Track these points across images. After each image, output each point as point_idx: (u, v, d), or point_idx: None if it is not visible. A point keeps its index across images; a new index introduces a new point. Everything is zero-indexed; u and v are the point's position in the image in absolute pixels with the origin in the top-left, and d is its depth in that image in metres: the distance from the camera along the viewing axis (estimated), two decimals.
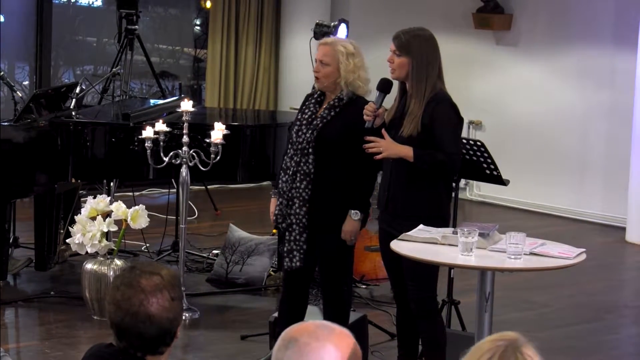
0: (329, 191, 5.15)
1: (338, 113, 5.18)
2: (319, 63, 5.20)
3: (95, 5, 11.21)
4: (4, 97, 9.88)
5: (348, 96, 5.18)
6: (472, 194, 10.63)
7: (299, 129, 5.22)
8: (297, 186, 5.17)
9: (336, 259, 5.25)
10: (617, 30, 9.59)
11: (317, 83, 5.25)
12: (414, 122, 4.95)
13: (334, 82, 5.18)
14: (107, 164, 6.84)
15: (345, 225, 5.15)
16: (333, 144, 5.14)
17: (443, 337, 5.12)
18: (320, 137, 5.14)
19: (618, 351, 6.45)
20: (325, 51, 5.18)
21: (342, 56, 5.16)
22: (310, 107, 5.28)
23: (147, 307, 2.82)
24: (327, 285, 5.31)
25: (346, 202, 5.16)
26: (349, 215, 5.14)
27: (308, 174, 5.15)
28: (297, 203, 5.17)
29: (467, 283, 6.23)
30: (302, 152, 5.17)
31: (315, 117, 5.22)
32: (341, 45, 5.19)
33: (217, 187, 9.89)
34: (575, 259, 4.40)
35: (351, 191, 5.16)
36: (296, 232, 5.19)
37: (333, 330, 2.44)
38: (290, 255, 5.22)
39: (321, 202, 5.15)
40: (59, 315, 6.44)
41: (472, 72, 10.39)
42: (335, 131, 5.14)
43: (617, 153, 9.53)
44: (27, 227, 7.26)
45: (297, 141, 5.20)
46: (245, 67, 11.12)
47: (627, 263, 8.84)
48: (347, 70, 5.15)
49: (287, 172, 5.22)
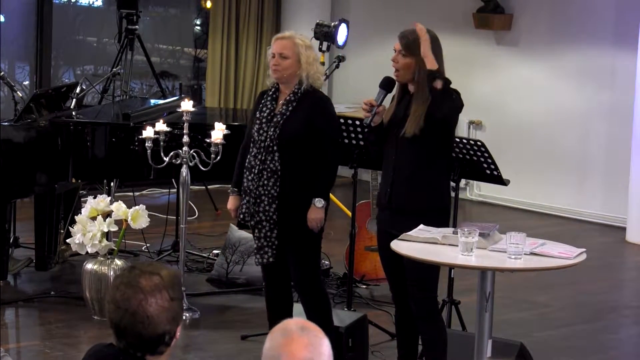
0: (297, 187, 5.23)
1: (295, 107, 5.25)
2: (277, 56, 5.23)
3: (96, 5, 11.21)
4: (4, 97, 9.88)
5: (305, 89, 5.24)
6: (472, 194, 10.63)
7: (259, 127, 5.28)
8: (265, 184, 5.24)
9: (307, 251, 5.33)
10: (618, 30, 9.59)
11: (274, 75, 5.28)
12: (417, 121, 4.95)
13: (292, 74, 5.25)
14: (107, 164, 6.84)
15: (310, 213, 5.23)
16: (296, 139, 5.21)
17: (443, 337, 5.12)
18: (283, 133, 5.21)
19: (618, 351, 6.45)
20: (284, 44, 5.25)
21: (302, 49, 5.25)
22: (267, 105, 5.33)
23: (146, 307, 2.82)
24: (301, 279, 5.39)
25: (312, 194, 5.24)
26: (313, 203, 5.23)
27: (275, 171, 5.22)
28: (266, 200, 5.24)
29: (468, 283, 6.23)
30: (267, 150, 5.23)
31: (274, 114, 5.27)
32: (299, 38, 5.29)
33: (218, 187, 9.88)
34: (575, 259, 4.40)
35: (314, 183, 5.25)
36: (267, 229, 5.28)
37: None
38: (261, 251, 5.32)
39: (290, 198, 5.24)
40: (59, 315, 6.44)
41: (472, 72, 10.38)
42: (297, 126, 5.21)
43: (617, 153, 9.52)
44: (28, 227, 7.26)
45: (260, 139, 5.26)
46: (246, 67, 11.12)
47: (627, 263, 8.84)
48: (307, 62, 5.24)
49: (252, 170, 5.28)
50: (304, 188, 5.24)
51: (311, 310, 5.37)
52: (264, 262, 5.33)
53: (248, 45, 11.10)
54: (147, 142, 6.16)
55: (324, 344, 2.61)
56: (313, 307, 5.37)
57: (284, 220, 5.26)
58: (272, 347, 2.58)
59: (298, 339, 2.58)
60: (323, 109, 5.29)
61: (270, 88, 5.40)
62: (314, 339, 2.60)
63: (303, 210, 5.24)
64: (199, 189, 9.30)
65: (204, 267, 7.59)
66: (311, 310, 5.37)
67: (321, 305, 5.40)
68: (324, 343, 2.61)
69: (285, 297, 5.50)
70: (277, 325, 2.65)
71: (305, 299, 5.42)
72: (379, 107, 5.04)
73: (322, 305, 5.41)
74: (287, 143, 5.22)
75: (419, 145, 4.97)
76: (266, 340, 2.62)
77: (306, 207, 5.23)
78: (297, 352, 2.56)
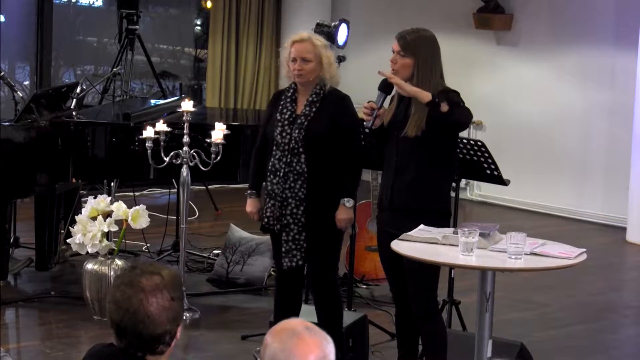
0: (323, 188, 5.18)
1: (319, 108, 5.20)
2: (300, 60, 5.18)
3: (96, 5, 11.21)
4: (4, 97, 9.88)
5: (327, 90, 5.21)
6: (472, 194, 10.63)
7: (282, 130, 5.22)
8: (292, 186, 5.17)
9: (329, 253, 5.28)
10: (618, 30, 9.59)
11: (299, 80, 5.22)
12: (418, 122, 4.95)
13: (315, 77, 5.20)
14: (107, 164, 6.84)
15: (340, 213, 5.19)
16: (322, 140, 5.16)
17: (444, 338, 5.12)
18: (308, 134, 5.16)
19: (618, 351, 6.45)
20: (305, 47, 5.19)
21: (322, 50, 5.21)
22: (287, 106, 5.27)
23: (146, 307, 2.82)
24: (319, 281, 5.33)
25: (339, 195, 5.20)
26: (342, 204, 5.19)
27: (301, 173, 5.16)
28: (294, 203, 5.18)
29: (468, 283, 6.23)
30: (292, 152, 5.17)
31: (297, 116, 5.22)
32: (317, 39, 5.24)
33: (218, 187, 9.89)
34: (575, 259, 4.40)
35: (341, 183, 5.20)
36: (295, 232, 5.20)
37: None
38: (289, 255, 5.22)
39: (318, 200, 5.17)
40: (59, 315, 6.44)
41: (472, 72, 10.39)
42: (322, 126, 5.16)
43: (617, 153, 9.53)
44: (28, 227, 7.26)
45: (283, 142, 5.20)
46: (246, 67, 11.12)
47: (627, 263, 8.84)
48: (328, 63, 5.20)
49: (277, 173, 5.21)
50: (330, 189, 5.18)
51: (325, 312, 5.29)
52: (293, 265, 5.23)
53: (248, 45, 11.10)
54: (147, 142, 6.15)
55: (329, 341, 2.66)
56: (327, 309, 5.29)
57: (312, 223, 5.19)
58: (283, 349, 2.60)
59: (309, 339, 2.61)
60: (347, 108, 5.25)
61: (288, 89, 5.33)
62: (322, 337, 2.64)
63: (331, 211, 5.19)
64: (199, 189, 9.29)
65: (204, 267, 7.59)
66: (325, 312, 5.29)
67: (336, 307, 5.33)
68: (329, 340, 2.66)
69: (297, 300, 5.44)
70: (277, 326, 2.66)
71: (322, 300, 5.34)
72: (379, 109, 5.04)
73: (337, 308, 5.34)
74: (312, 144, 5.15)
75: (420, 146, 4.97)
76: (270, 342, 2.62)
77: (333, 208, 5.18)
78: (309, 351, 2.59)
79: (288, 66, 5.25)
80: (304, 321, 2.68)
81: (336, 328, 5.26)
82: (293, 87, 5.31)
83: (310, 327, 2.65)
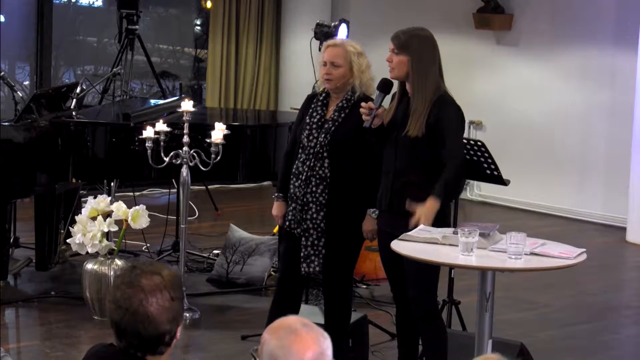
0: (345, 194, 5.15)
1: (348, 114, 5.17)
2: (329, 65, 5.16)
3: (96, 5, 11.22)
4: (4, 97, 9.88)
5: (358, 97, 5.17)
6: (472, 194, 10.63)
7: (309, 133, 5.19)
8: (313, 191, 5.15)
9: (345, 260, 5.25)
10: (618, 30, 9.59)
11: (327, 84, 5.20)
12: (419, 121, 4.94)
13: (345, 83, 5.18)
14: (107, 164, 6.84)
15: (366, 224, 5.17)
16: (347, 147, 5.13)
17: (444, 338, 5.11)
18: (334, 140, 5.13)
19: (618, 351, 6.45)
20: (336, 52, 5.17)
21: (354, 56, 5.17)
22: (317, 110, 5.25)
23: (146, 307, 2.82)
24: (332, 285, 5.29)
25: (361, 203, 5.16)
26: (368, 214, 5.16)
27: (324, 178, 5.14)
28: (314, 208, 5.15)
29: (468, 283, 6.23)
30: (316, 156, 5.15)
31: (325, 120, 5.20)
32: (350, 45, 5.20)
33: (218, 187, 9.89)
34: (575, 259, 4.40)
35: (364, 191, 5.16)
36: (314, 237, 5.17)
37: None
38: (307, 260, 5.18)
39: (338, 206, 5.15)
40: (59, 315, 6.44)
41: (472, 72, 10.39)
42: (348, 133, 5.13)
43: (617, 153, 9.53)
44: (28, 227, 7.26)
45: (309, 145, 5.17)
46: (246, 67, 11.13)
47: (627, 263, 8.84)
48: (360, 70, 5.17)
49: (300, 176, 5.18)
50: (352, 196, 5.15)
51: (334, 317, 5.26)
52: (311, 271, 5.19)
53: (248, 45, 11.10)
54: (147, 142, 6.16)
55: (327, 338, 2.66)
56: (337, 315, 5.25)
57: (331, 229, 5.15)
58: (281, 346, 2.62)
59: (307, 335, 2.63)
60: None
61: (321, 93, 5.30)
62: (319, 333, 2.65)
63: (351, 218, 5.15)
64: (199, 189, 9.30)
65: (204, 267, 7.59)
66: (334, 317, 5.26)
67: (345, 314, 5.30)
68: (327, 338, 2.66)
69: (296, 304, 5.41)
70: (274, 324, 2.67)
71: (333, 306, 5.30)
72: (378, 109, 5.05)
73: (346, 315, 5.31)
74: (337, 149, 5.12)
75: (419, 147, 4.96)
76: (268, 339, 2.64)
77: (354, 215, 5.15)
78: (308, 347, 2.61)
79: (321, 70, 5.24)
80: (301, 318, 2.69)
81: (341, 332, 5.26)
82: (326, 91, 5.28)
83: (307, 324, 2.66)
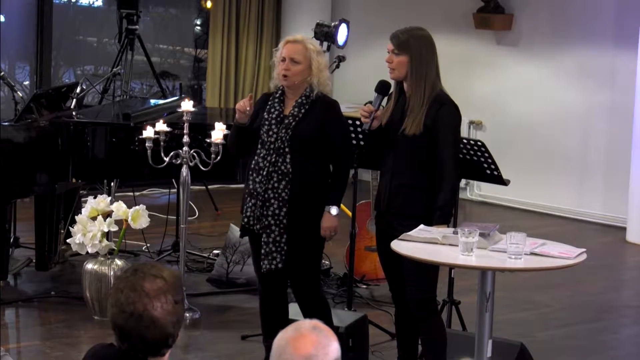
0: (307, 190, 5.13)
1: (308, 111, 5.15)
2: (288, 61, 5.13)
3: (96, 5, 11.21)
4: (4, 97, 9.88)
5: (316, 94, 5.17)
6: (472, 194, 10.63)
7: (269, 129, 5.16)
8: (275, 186, 5.12)
9: (309, 255, 5.23)
10: (618, 30, 9.59)
11: (284, 81, 5.16)
12: (416, 120, 4.95)
13: (302, 80, 5.15)
14: (107, 164, 6.84)
15: (325, 221, 5.14)
16: (308, 142, 5.12)
17: (443, 338, 5.12)
18: (295, 135, 5.12)
19: (618, 351, 6.46)
20: (296, 49, 5.14)
21: (314, 54, 5.16)
22: (274, 106, 5.22)
23: (151, 312, 2.81)
24: (300, 283, 5.29)
25: (323, 199, 5.16)
26: (327, 211, 5.14)
27: (286, 173, 5.11)
28: (276, 204, 5.12)
29: (468, 283, 6.23)
30: (277, 152, 5.12)
31: (285, 116, 5.18)
32: (310, 43, 5.20)
33: (218, 187, 9.89)
34: (575, 259, 4.40)
35: (327, 188, 5.17)
36: (276, 234, 5.13)
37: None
38: (269, 257, 5.14)
39: (301, 202, 5.12)
40: (59, 315, 6.44)
41: (472, 72, 10.39)
42: (310, 128, 5.12)
43: (617, 153, 9.52)
44: (28, 227, 7.26)
45: (269, 140, 5.15)
46: (246, 67, 11.12)
47: (627, 263, 8.84)
48: (318, 68, 5.15)
49: (261, 172, 5.15)
50: (314, 192, 5.14)
51: (309, 310, 5.25)
52: (272, 268, 5.15)
53: (248, 45, 11.10)
54: (147, 142, 6.15)
55: (332, 345, 2.65)
56: (313, 313, 5.21)
57: (294, 225, 5.13)
58: (281, 338, 2.65)
59: (307, 335, 2.64)
60: (337, 115, 5.22)
61: (276, 91, 5.27)
62: (323, 338, 2.64)
63: (314, 215, 5.14)
64: (199, 189, 9.29)
65: (204, 267, 7.59)
66: (309, 310, 5.25)
67: (322, 311, 5.28)
68: (332, 345, 2.65)
69: (282, 304, 5.39)
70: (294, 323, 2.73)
71: (305, 304, 5.31)
72: (377, 111, 5.05)
73: (323, 311, 5.29)
74: (299, 145, 5.11)
75: (417, 147, 4.96)
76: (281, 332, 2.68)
77: (316, 212, 5.14)
78: (302, 347, 2.62)
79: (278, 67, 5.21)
80: (318, 322, 2.70)
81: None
82: (281, 89, 5.25)
83: (317, 327, 2.67)
